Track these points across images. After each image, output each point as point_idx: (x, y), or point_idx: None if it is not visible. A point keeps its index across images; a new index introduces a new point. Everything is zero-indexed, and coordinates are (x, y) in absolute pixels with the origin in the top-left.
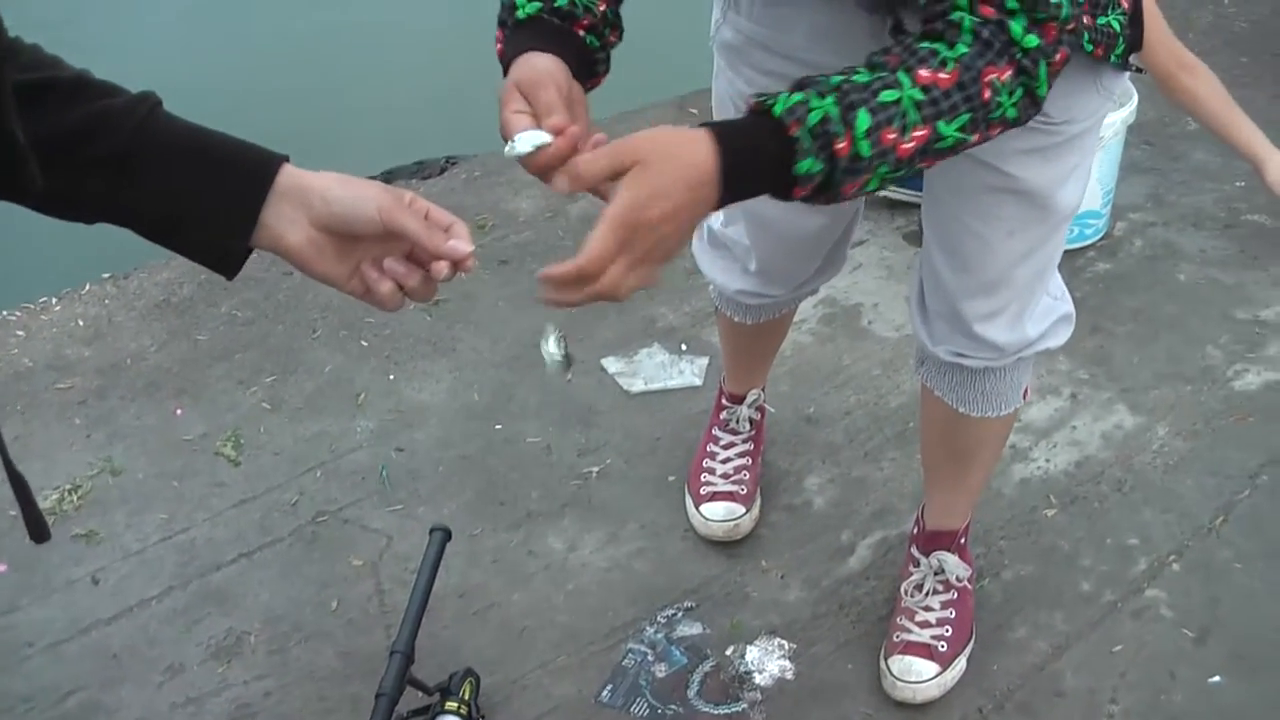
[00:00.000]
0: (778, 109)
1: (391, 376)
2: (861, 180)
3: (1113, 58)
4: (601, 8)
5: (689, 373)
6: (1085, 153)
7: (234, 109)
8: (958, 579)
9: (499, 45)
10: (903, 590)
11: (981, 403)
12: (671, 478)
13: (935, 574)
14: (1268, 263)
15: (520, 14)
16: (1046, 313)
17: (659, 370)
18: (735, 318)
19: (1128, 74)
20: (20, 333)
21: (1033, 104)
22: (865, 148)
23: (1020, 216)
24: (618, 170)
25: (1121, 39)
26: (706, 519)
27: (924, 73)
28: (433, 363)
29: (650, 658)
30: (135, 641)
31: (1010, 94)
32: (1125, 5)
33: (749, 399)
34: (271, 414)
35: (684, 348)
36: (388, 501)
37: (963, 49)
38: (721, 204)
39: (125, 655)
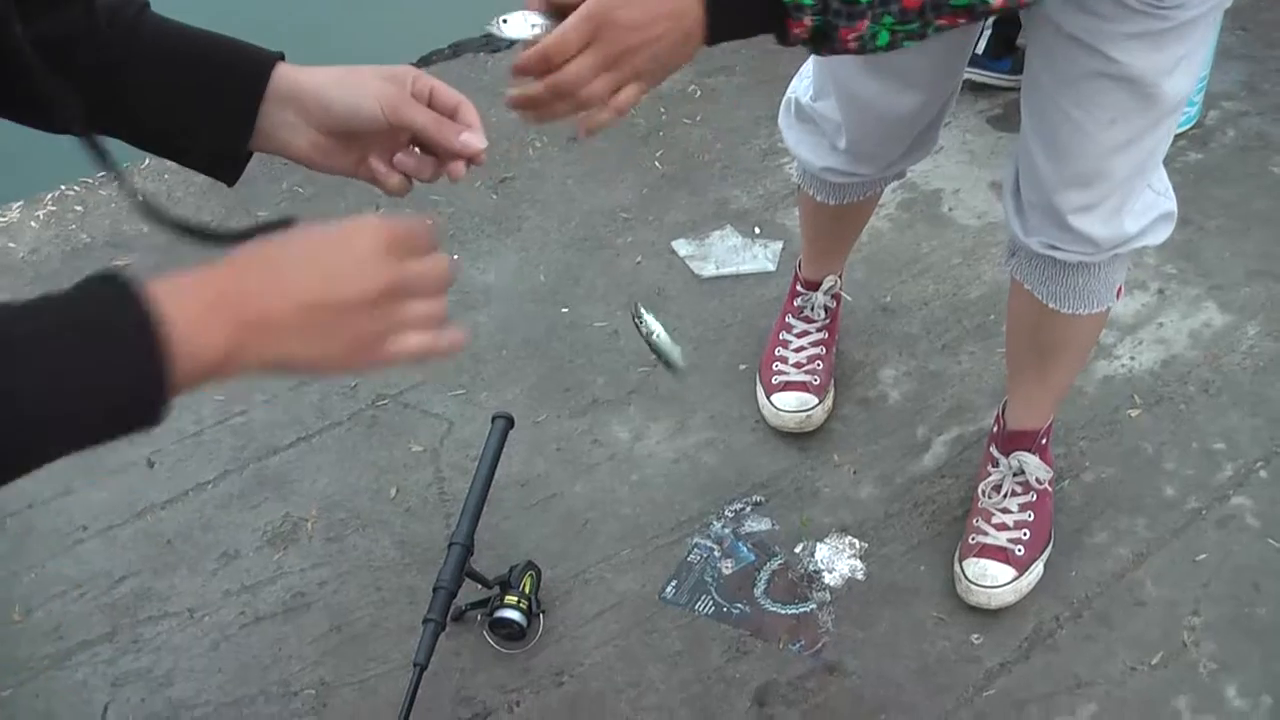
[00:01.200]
0: None
1: (455, 255)
2: (861, 27)
3: None
4: None
5: (762, 257)
6: (1198, 42)
7: None
8: (1038, 481)
9: None
10: (980, 491)
11: (1073, 298)
12: (742, 366)
13: (1014, 475)
14: None
15: None
16: (1147, 208)
17: (731, 254)
18: (819, 197)
19: None
20: (79, 208)
21: None
22: None
23: (1123, 105)
24: None
25: None
26: (778, 409)
27: None
28: (498, 242)
29: (717, 554)
30: (190, 527)
31: None
32: None
33: (825, 285)
34: None
35: (757, 231)
36: (449, 386)
37: None
38: (710, 36)
39: (179, 540)
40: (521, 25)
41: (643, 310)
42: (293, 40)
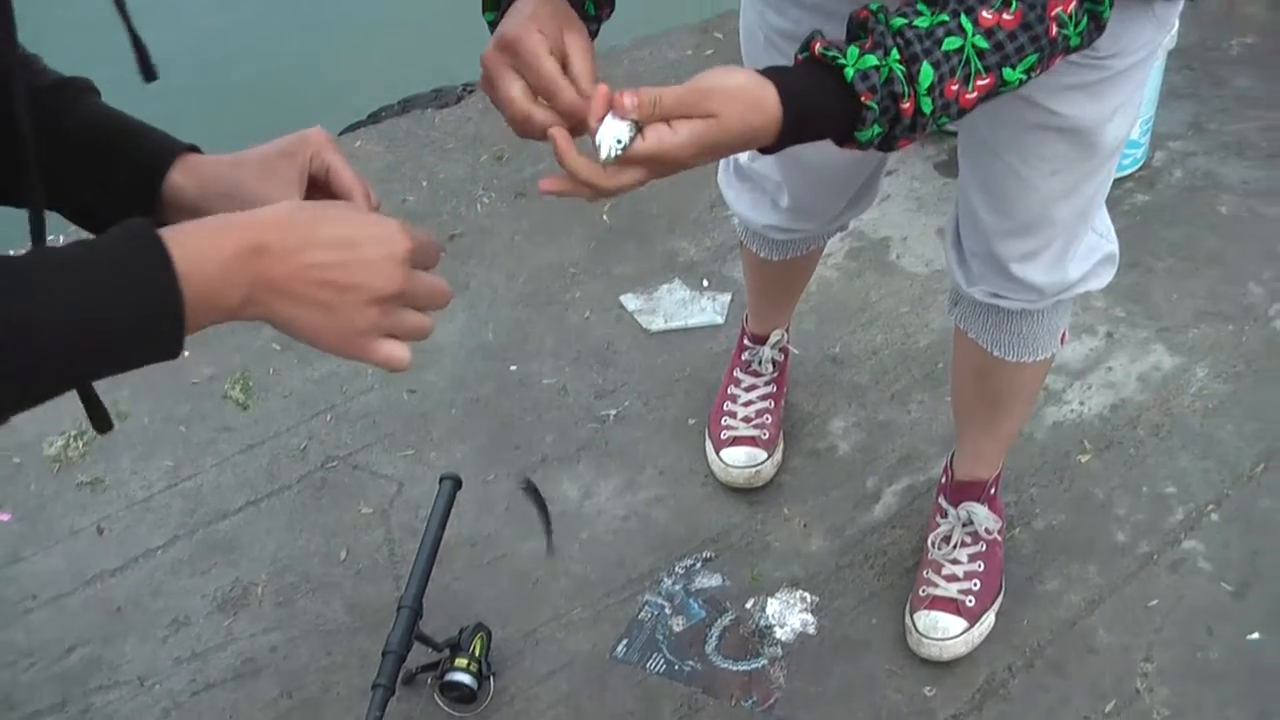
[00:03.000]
0: (849, 72)
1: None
2: (917, 135)
3: None
4: None
5: (710, 310)
6: (1135, 86)
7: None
8: (987, 531)
9: None
10: (929, 542)
11: (1018, 346)
12: (692, 421)
13: (964, 525)
14: None
15: None
16: (1090, 252)
17: (679, 307)
18: (761, 253)
19: (1183, 1)
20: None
21: (1097, 29)
22: (927, 104)
23: (1064, 155)
24: (688, 115)
25: None
26: (727, 465)
27: (986, 15)
28: None
29: (668, 611)
30: (140, 593)
31: (1076, 24)
32: None
33: (772, 339)
34: (280, 354)
35: (705, 283)
36: (398, 446)
37: None
38: (766, 153)
39: (129, 608)
40: (608, 140)
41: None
42: (242, 97)
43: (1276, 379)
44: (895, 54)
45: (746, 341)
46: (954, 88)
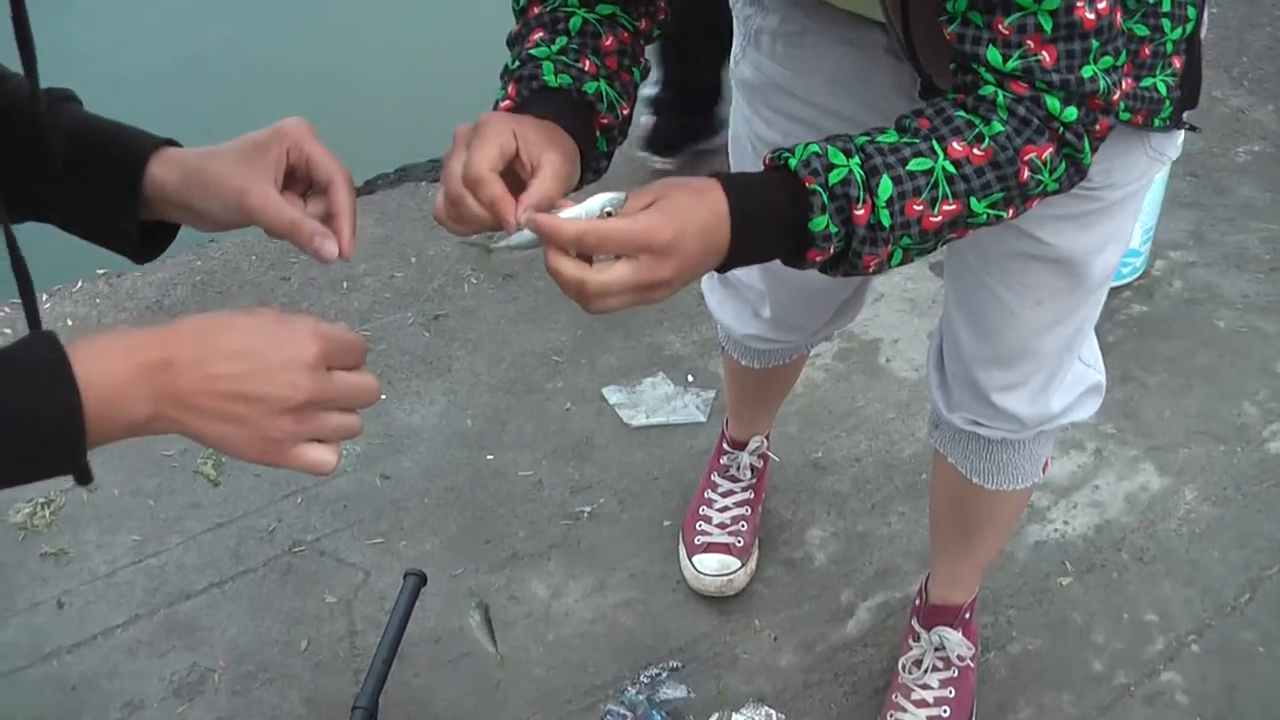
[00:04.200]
0: (793, 162)
1: (383, 396)
2: (883, 253)
3: (1156, 122)
4: (625, 111)
5: (693, 407)
6: (1127, 217)
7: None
8: (959, 658)
9: (507, 102)
10: (900, 665)
11: (997, 474)
12: (667, 522)
13: (935, 650)
14: None
15: (550, 80)
16: (1075, 382)
17: (662, 403)
18: (743, 361)
19: (1182, 132)
20: (7, 331)
21: (1078, 173)
22: (886, 217)
23: (1050, 285)
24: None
25: (1168, 102)
26: (699, 572)
27: (957, 146)
28: (426, 383)
29: None
30: (96, 673)
31: (1052, 171)
32: (1177, 64)
33: (751, 446)
34: None
35: (690, 379)
36: (368, 533)
37: (999, 126)
38: (728, 263)
39: (84, 687)
40: (595, 205)
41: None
42: None
43: (1266, 505)
44: (856, 160)
45: (725, 446)
46: (917, 208)
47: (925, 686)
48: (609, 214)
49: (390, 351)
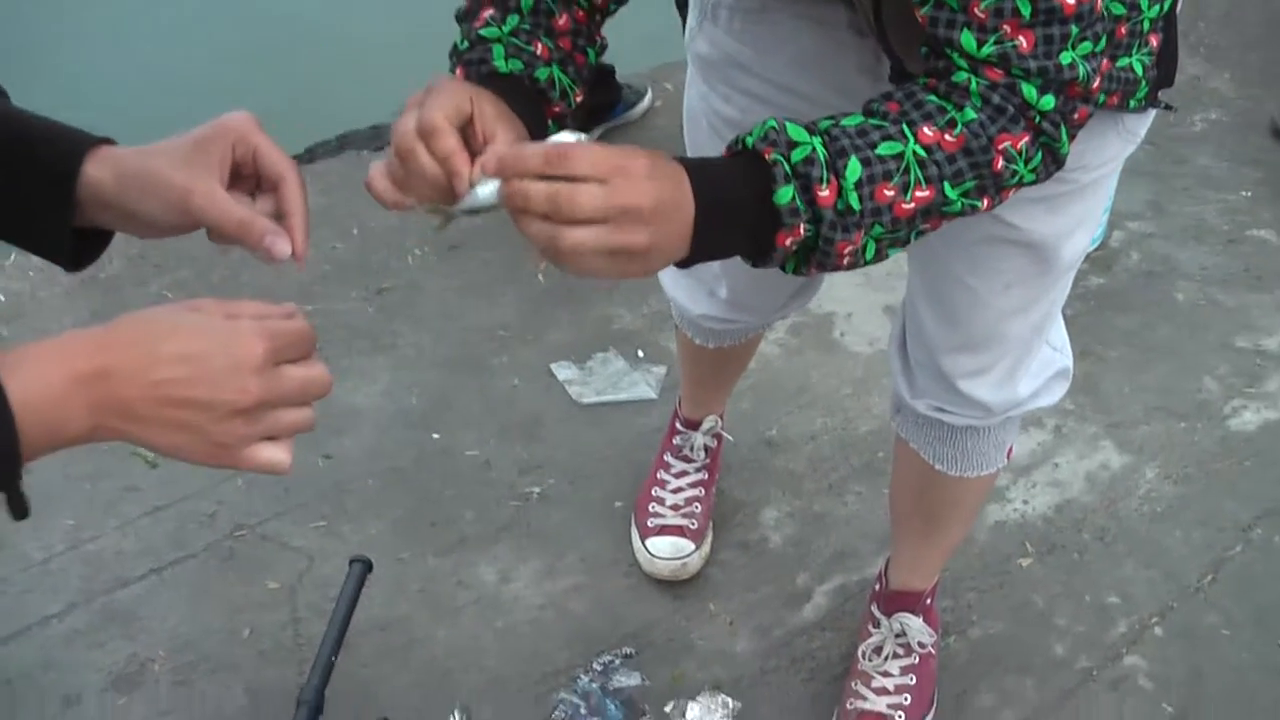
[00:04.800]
0: (749, 139)
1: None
2: (855, 240)
3: (1131, 103)
4: (578, 98)
5: (644, 384)
6: (1098, 199)
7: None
8: (920, 644)
9: None
10: (860, 652)
11: (961, 461)
12: (618, 503)
13: (896, 637)
14: (1272, 284)
15: (500, 65)
16: (1042, 368)
17: (613, 380)
18: (697, 340)
19: (1155, 111)
20: None
21: (1054, 163)
22: (855, 200)
23: (1020, 269)
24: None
25: (1145, 82)
26: (652, 555)
27: (928, 131)
28: (370, 360)
29: (583, 711)
30: (31, 665)
31: (1027, 160)
32: (1154, 43)
33: (705, 426)
34: None
35: (641, 354)
36: (311, 516)
37: (972, 114)
38: (693, 252)
39: (20, 681)
40: (568, 136)
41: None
42: (169, 128)
43: (1227, 483)
44: (818, 140)
45: (679, 425)
46: (888, 192)
47: (886, 674)
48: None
49: (332, 327)
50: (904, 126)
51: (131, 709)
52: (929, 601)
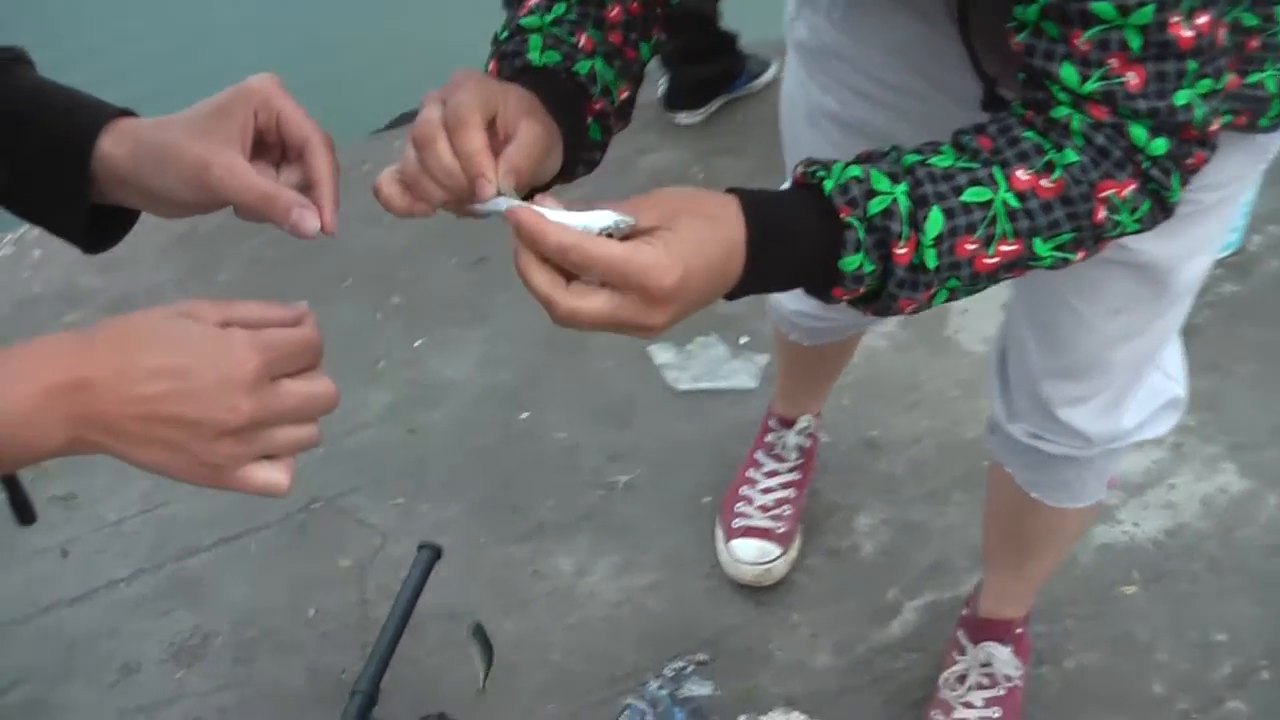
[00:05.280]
0: (829, 185)
1: (417, 343)
2: (923, 297)
3: (1263, 122)
4: (623, 94)
5: (744, 373)
6: (1225, 219)
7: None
8: (1006, 677)
9: None
10: (942, 679)
11: (1058, 491)
12: (706, 499)
13: (981, 666)
14: None
15: (534, 58)
16: (1151, 397)
17: (711, 366)
18: (791, 336)
19: None
20: (37, 251)
21: (1163, 213)
22: (932, 257)
23: (1130, 294)
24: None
25: (1277, 100)
26: (735, 558)
27: (1022, 175)
28: (464, 331)
29: (649, 718)
30: (95, 630)
31: (1132, 210)
32: None
33: (800, 425)
34: None
35: (743, 341)
36: (389, 492)
37: (1073, 156)
38: (736, 293)
39: (82, 645)
40: (604, 218)
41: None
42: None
43: None
44: (903, 186)
45: (772, 423)
46: (969, 246)
47: (968, 705)
48: (608, 234)
49: (429, 294)
50: (995, 170)
51: (188, 682)
52: (1019, 631)
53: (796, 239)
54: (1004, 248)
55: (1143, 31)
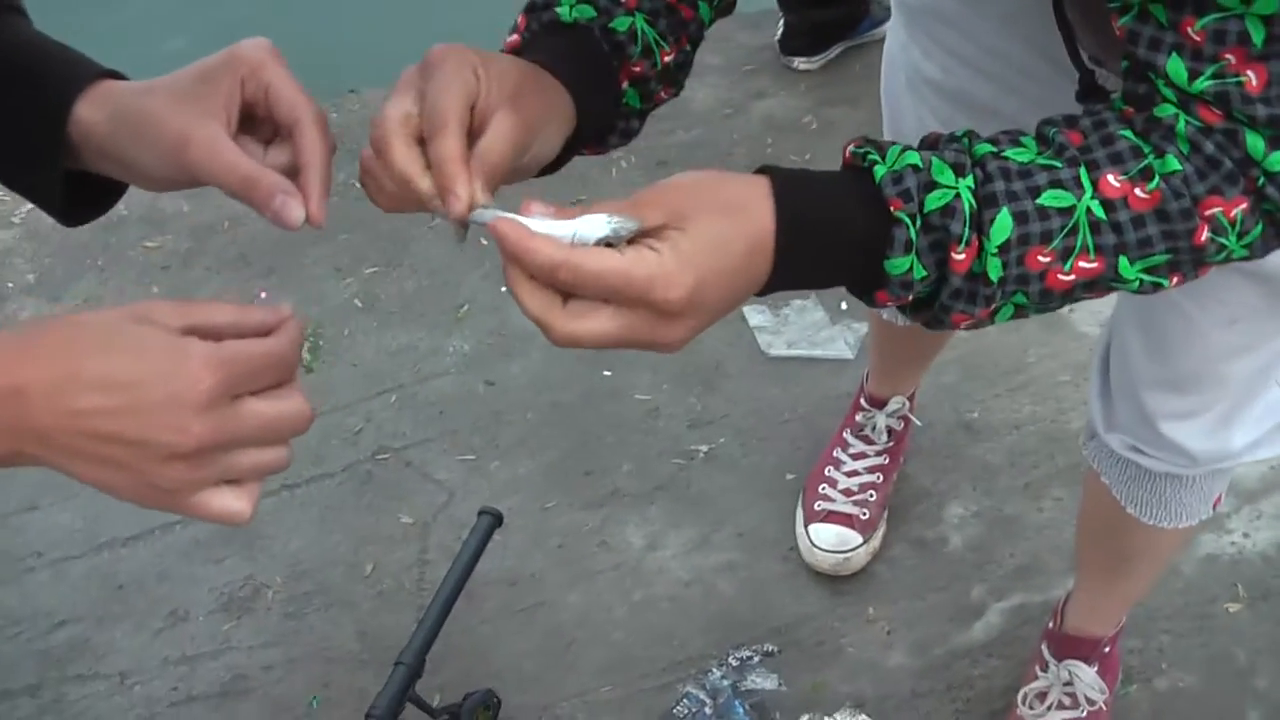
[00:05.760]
0: (880, 171)
1: (503, 288)
2: (982, 313)
3: None
4: (667, 57)
5: (841, 341)
6: None
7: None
8: (1089, 699)
9: (513, 38)
10: (1021, 695)
11: (1157, 509)
12: (790, 475)
13: (1064, 685)
14: None
15: (564, 13)
16: (1267, 414)
17: (808, 332)
18: (885, 312)
19: None
20: None
21: (1276, 238)
22: (996, 267)
23: (1249, 303)
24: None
25: None
26: (814, 544)
27: (1113, 180)
28: None
29: (708, 710)
30: (146, 573)
31: (1241, 234)
32: None
33: (891, 406)
34: (362, 313)
35: (844, 306)
36: (460, 447)
37: (1175, 164)
38: (765, 291)
39: (131, 587)
40: (594, 227)
41: None
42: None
43: None
44: (969, 181)
45: (863, 401)
46: (1042, 259)
47: None
48: (606, 243)
49: None
50: (1082, 170)
51: (236, 634)
52: (1107, 650)
53: (835, 232)
54: (1083, 264)
55: (1267, 23)
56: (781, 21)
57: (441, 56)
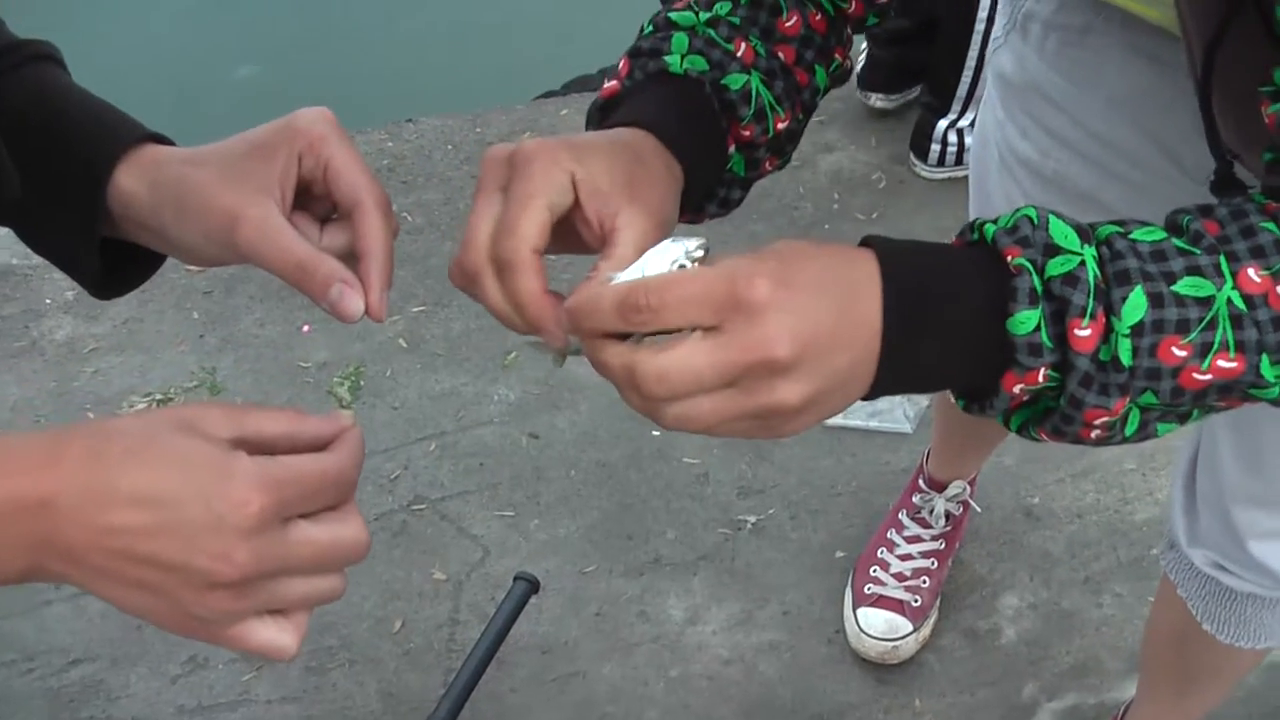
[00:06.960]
0: (990, 229)
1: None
2: (1114, 409)
3: None
4: (780, 124)
5: (900, 413)
6: None
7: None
8: None
9: (612, 84)
10: None
11: (1236, 628)
12: (840, 553)
13: None
14: None
15: (673, 63)
16: None
17: (867, 402)
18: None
19: None
20: None
21: None
22: (1127, 351)
23: None
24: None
25: None
26: (861, 629)
27: (1254, 275)
28: None
29: None
30: None
31: None
32: None
33: (950, 491)
34: (406, 354)
35: None
36: (499, 502)
37: None
38: (878, 383)
39: (150, 628)
40: (662, 260)
41: None
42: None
43: None
44: (1093, 253)
45: (921, 483)
46: (1178, 352)
47: None
48: (681, 268)
49: (576, 283)
50: (1221, 259)
51: (256, 686)
52: None
53: (949, 297)
54: (1221, 363)
55: None
56: (865, 54)
57: (528, 158)
